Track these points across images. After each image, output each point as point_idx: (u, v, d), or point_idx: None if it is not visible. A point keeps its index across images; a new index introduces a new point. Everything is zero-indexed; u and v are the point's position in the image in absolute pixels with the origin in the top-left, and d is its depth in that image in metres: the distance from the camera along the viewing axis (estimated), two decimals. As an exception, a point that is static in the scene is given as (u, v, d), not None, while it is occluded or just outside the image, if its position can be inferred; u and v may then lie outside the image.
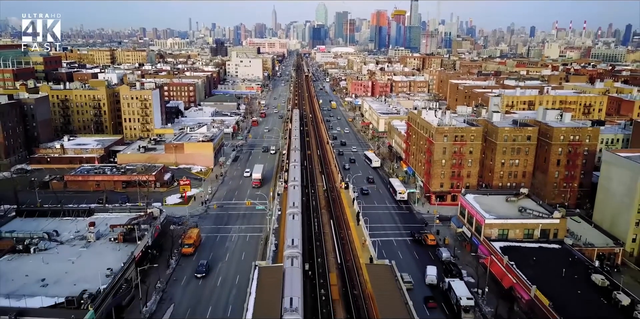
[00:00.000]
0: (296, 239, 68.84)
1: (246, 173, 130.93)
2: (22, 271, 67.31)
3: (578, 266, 69.95)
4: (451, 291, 66.68)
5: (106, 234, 79.61)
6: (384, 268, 59.02)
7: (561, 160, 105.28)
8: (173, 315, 64.80)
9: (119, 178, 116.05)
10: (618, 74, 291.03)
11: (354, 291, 59.80)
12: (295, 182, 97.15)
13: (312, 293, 60.76)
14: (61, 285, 63.18)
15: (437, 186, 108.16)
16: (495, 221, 78.63)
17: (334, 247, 74.67)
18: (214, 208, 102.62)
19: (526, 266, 68.56)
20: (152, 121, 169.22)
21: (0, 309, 56.60)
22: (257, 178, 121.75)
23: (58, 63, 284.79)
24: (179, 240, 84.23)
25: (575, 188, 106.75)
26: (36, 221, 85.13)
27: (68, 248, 74.97)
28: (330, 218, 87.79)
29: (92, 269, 66.99)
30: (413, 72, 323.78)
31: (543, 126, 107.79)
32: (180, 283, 73.23)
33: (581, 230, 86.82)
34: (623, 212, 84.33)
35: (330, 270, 66.48)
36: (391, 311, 48.06)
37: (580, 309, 58.45)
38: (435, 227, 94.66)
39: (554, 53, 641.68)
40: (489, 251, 75.21)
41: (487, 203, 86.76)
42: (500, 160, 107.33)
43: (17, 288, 61.94)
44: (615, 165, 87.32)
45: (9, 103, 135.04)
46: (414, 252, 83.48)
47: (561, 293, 61.56)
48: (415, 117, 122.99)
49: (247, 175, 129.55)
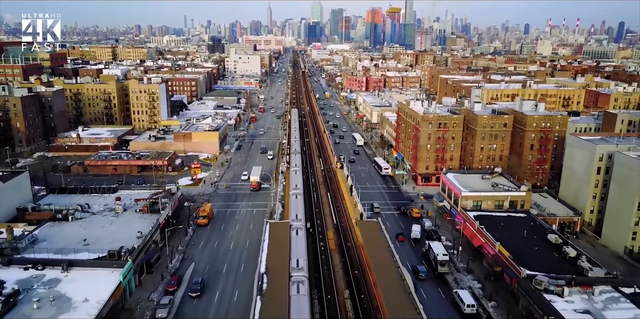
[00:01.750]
0: (299, 214, 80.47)
1: (244, 176, 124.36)
2: (65, 234, 78.79)
3: (538, 230, 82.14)
4: (430, 250, 78.63)
5: (131, 207, 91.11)
6: (372, 224, 71.10)
7: (534, 144, 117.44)
8: (194, 271, 76.46)
9: (134, 163, 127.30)
10: (601, 70, 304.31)
11: (347, 243, 71.89)
12: (296, 168, 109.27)
13: (313, 244, 72.86)
14: (100, 244, 74.55)
15: (423, 168, 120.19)
16: (470, 194, 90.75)
17: (331, 212, 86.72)
18: (223, 188, 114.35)
19: (494, 230, 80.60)
20: (159, 113, 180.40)
21: (53, 260, 68.19)
22: (256, 181, 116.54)
23: (63, 60, 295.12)
24: (194, 213, 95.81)
25: (547, 170, 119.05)
26: (68, 197, 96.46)
27: (100, 218, 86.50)
28: (327, 192, 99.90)
29: (124, 233, 78.68)
30: (406, 68, 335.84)
31: (518, 114, 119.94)
32: (198, 247, 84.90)
33: (548, 203, 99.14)
34: (583, 187, 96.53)
35: (327, 229, 78.57)
36: (378, 255, 59.92)
37: (535, 259, 70.49)
38: (420, 203, 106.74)
39: (547, 51, 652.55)
40: (464, 219, 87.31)
41: (464, 180, 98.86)
42: (480, 145, 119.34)
43: (64, 247, 73.31)
44: (576, 147, 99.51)
45: (29, 96, 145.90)
46: (400, 222, 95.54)
47: (520, 249, 73.66)
48: (404, 107, 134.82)
49: (244, 178, 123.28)
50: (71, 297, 60.48)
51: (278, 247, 62.30)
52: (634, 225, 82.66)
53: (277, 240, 64.57)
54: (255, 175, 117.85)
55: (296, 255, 61.21)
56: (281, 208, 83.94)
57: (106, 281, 63.81)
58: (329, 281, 64.19)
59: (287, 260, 59.69)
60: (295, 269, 57.79)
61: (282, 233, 65.76)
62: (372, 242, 63.92)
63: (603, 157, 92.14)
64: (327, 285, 62.95)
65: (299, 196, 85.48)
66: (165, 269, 75.90)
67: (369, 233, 66.85)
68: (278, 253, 61.19)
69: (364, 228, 69.04)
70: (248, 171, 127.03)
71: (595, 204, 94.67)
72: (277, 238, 64.99)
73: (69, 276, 65.53)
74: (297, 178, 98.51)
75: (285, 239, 63.93)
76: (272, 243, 63.30)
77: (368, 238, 65.31)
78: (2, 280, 62.42)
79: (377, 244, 63.29)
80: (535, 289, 62.32)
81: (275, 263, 58.79)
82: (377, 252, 61.07)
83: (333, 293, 60.89)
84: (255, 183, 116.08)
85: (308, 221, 79.27)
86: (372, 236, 66.11)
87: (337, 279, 64.73)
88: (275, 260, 59.59)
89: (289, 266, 58.38)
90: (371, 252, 60.86)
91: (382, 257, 60.38)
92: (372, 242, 63.92)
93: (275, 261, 59.32)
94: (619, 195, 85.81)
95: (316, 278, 65.05)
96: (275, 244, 63.03)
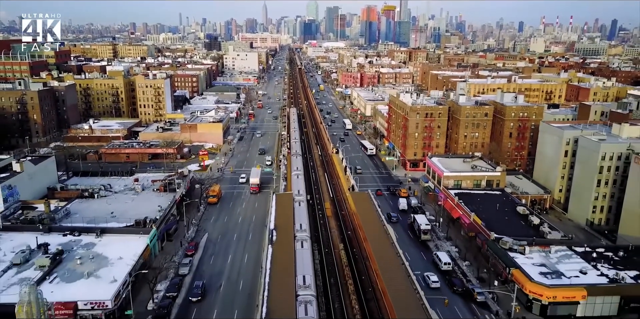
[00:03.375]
0: (301, 190, 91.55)
1: (242, 179, 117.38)
2: (93, 209, 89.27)
3: (510, 204, 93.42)
4: (415, 221, 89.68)
5: (149, 187, 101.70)
6: (363, 194, 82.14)
7: (512, 132, 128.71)
8: (208, 239, 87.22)
9: (145, 151, 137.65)
10: (587, 66, 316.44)
11: (341, 212, 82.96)
12: (297, 153, 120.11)
13: (313, 212, 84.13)
14: (126, 216, 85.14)
15: (411, 155, 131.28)
16: (452, 174, 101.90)
17: (327, 188, 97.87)
18: (230, 171, 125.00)
19: (471, 203, 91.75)
20: (164, 107, 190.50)
21: (88, 228, 78.90)
22: (255, 183, 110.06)
23: (67, 57, 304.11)
24: (205, 193, 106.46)
25: (524, 156, 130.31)
26: (90, 179, 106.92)
27: (122, 196, 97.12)
28: (324, 172, 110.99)
29: (145, 207, 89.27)
30: (399, 65, 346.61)
31: (498, 105, 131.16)
32: (210, 221, 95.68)
33: (522, 184, 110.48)
34: (553, 169, 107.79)
35: (325, 201, 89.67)
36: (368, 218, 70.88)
37: (504, 226, 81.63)
38: (408, 185, 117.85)
39: (540, 48, 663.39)
40: (445, 196, 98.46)
41: (447, 163, 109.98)
42: (463, 133, 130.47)
43: (94, 218, 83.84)
44: (548, 133, 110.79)
45: (44, 90, 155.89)
46: (389, 201, 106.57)
47: (492, 218, 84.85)
48: (395, 99, 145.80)
49: (242, 181, 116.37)
50: (107, 256, 71.24)
51: (284, 213, 73.31)
52: (594, 200, 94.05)
53: (283, 207, 75.60)
54: (255, 177, 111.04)
55: (299, 220, 72.15)
56: (284, 184, 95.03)
57: (135, 244, 74.52)
58: (327, 238, 75.55)
59: (292, 224, 70.56)
60: (299, 231, 68.76)
61: (286, 203, 76.83)
62: (363, 208, 74.92)
63: (570, 141, 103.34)
64: (325, 242, 74.41)
65: (300, 176, 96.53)
66: (183, 238, 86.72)
67: (361, 202, 77.87)
68: (284, 217, 72.23)
69: (357, 197, 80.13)
70: (247, 173, 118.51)
71: (563, 184, 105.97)
72: (283, 206, 76.04)
73: (102, 241, 76.30)
74: (298, 162, 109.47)
75: (289, 207, 74.94)
76: (279, 210, 74.28)
77: (360, 205, 76.33)
78: (46, 243, 73.19)
79: (367, 209, 74.32)
80: (501, 248, 73.48)
81: (282, 224, 69.73)
82: (367, 216, 72.09)
83: (330, 247, 72.19)
84: (255, 186, 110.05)
85: (308, 194, 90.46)
86: (363, 203, 77.13)
87: (333, 237, 76.20)
88: (282, 221, 70.53)
89: (294, 228, 69.27)
90: (362, 216, 71.80)
91: (371, 219, 71.40)
92: (363, 208, 74.92)
93: (282, 222, 70.27)
94: (582, 174, 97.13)
95: (316, 236, 76.44)
96: (281, 210, 74.02)
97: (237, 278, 72.77)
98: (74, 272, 66.45)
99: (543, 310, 63.53)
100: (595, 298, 63.35)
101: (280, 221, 70.91)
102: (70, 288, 62.22)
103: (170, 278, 72.13)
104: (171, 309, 64.69)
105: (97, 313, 59.66)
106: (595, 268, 68.53)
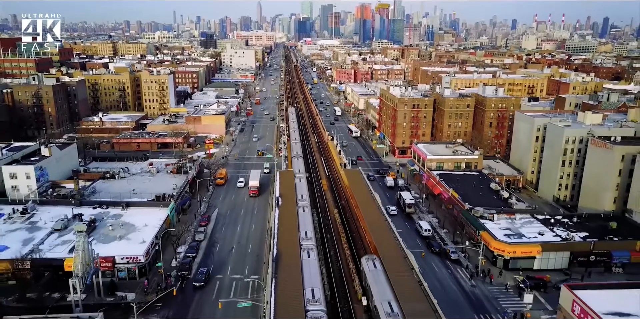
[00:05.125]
0: (301, 169, 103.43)
1: (240, 183, 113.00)
2: (115, 187, 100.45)
3: (485, 182, 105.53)
4: (401, 197, 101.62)
5: (163, 170, 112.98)
6: (355, 171, 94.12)
7: (492, 122, 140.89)
8: (218, 214, 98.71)
9: (155, 140, 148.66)
10: (571, 62, 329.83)
11: (336, 186, 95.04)
12: (296, 140, 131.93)
13: (310, 186, 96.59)
14: (146, 193, 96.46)
15: (400, 142, 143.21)
16: (434, 157, 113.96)
17: (324, 168, 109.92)
18: (234, 157, 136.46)
19: (450, 182, 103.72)
20: (168, 101, 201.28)
21: (114, 202, 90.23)
22: (255, 186, 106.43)
23: (70, 54, 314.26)
24: (213, 176, 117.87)
25: (503, 143, 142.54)
26: (108, 164, 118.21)
27: (140, 177, 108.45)
28: (320, 156, 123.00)
29: (162, 186, 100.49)
30: (392, 62, 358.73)
31: (479, 97, 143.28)
32: (219, 199, 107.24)
33: (499, 167, 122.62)
34: (526, 153, 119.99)
35: (321, 178, 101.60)
36: (359, 189, 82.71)
37: (477, 199, 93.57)
38: (396, 169, 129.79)
39: (531, 45, 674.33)
40: (428, 176, 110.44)
41: (431, 148, 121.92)
42: (447, 123, 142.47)
43: (118, 195, 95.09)
44: (522, 121, 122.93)
45: (58, 84, 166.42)
46: (379, 181, 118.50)
47: (468, 193, 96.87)
48: (385, 92, 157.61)
49: (240, 185, 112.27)
50: (134, 224, 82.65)
51: (287, 186, 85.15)
52: (559, 179, 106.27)
53: (286, 182, 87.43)
54: (254, 180, 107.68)
55: (300, 192, 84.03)
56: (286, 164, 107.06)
57: (157, 215, 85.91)
58: (324, 206, 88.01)
59: (294, 195, 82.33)
60: (300, 200, 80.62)
61: (289, 179, 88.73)
62: (354, 181, 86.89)
63: (540, 128, 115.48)
64: (322, 208, 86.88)
65: (300, 159, 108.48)
66: (196, 212, 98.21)
67: (353, 177, 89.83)
68: (287, 189, 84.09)
69: (349, 173, 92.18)
70: (245, 176, 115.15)
71: (535, 166, 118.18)
72: (286, 181, 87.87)
73: (128, 212, 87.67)
74: (297, 147, 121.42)
75: (291, 182, 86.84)
76: (282, 184, 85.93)
77: (351, 179, 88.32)
78: (80, 213, 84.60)
79: (358, 182, 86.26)
80: (473, 216, 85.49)
81: (286, 193, 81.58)
82: (358, 187, 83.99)
83: (326, 212, 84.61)
84: (254, 189, 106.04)
85: (307, 173, 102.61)
86: (355, 178, 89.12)
87: (329, 205, 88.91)
88: (285, 192, 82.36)
89: (296, 199, 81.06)
90: (353, 187, 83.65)
91: (361, 190, 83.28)
92: (354, 181, 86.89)
93: (285, 193, 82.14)
94: (549, 156, 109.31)
95: (314, 205, 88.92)
96: (284, 184, 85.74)
97: (246, 243, 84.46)
98: (108, 236, 77.84)
99: (505, 264, 75.61)
100: (549, 253, 75.49)
101: (284, 192, 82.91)
102: (107, 248, 73.41)
103: (188, 243, 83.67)
104: (192, 265, 76.26)
105: (132, 266, 71.19)
106: (552, 231, 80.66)
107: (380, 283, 54.49)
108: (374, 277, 56.08)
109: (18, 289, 65.79)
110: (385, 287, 53.83)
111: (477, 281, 72.54)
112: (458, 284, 72.18)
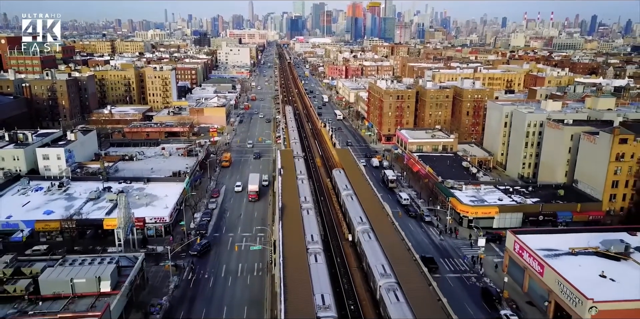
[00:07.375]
0: (299, 151, 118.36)
1: (237, 187, 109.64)
2: (135, 167, 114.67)
3: (458, 161, 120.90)
4: (385, 175, 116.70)
5: (174, 152, 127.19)
6: (344, 150, 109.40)
7: (469, 111, 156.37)
8: (226, 189, 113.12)
9: (163, 129, 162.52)
10: (551, 59, 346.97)
11: (328, 163, 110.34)
12: (293, 128, 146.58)
13: (307, 163, 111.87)
14: (163, 171, 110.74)
15: (386, 130, 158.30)
16: (415, 140, 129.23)
17: (318, 150, 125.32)
18: (237, 143, 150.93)
19: (428, 161, 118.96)
20: (170, 95, 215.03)
21: (136, 178, 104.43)
22: (254, 190, 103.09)
23: (72, 52, 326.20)
24: (218, 159, 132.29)
25: (479, 130, 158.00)
26: (125, 149, 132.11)
27: (155, 159, 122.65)
28: (315, 141, 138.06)
29: (176, 166, 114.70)
30: (381, 59, 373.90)
31: (457, 89, 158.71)
32: (225, 177, 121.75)
33: (473, 150, 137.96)
34: (496, 137, 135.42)
35: (315, 157, 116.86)
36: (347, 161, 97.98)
37: (450, 174, 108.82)
38: (382, 153, 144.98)
39: (520, 43, 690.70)
40: (408, 157, 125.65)
41: (413, 133, 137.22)
42: (428, 112, 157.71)
43: (138, 172, 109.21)
44: (493, 109, 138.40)
45: (71, 79, 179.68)
46: (366, 164, 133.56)
47: (442, 170, 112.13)
48: (373, 85, 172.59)
49: (238, 189, 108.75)
50: (156, 194, 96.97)
51: (287, 161, 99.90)
52: (523, 158, 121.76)
53: (286, 158, 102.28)
54: (254, 184, 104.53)
55: (299, 168, 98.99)
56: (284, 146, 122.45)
57: (175, 188, 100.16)
58: (318, 177, 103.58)
59: (294, 171, 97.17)
60: (299, 174, 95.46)
61: (288, 156, 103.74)
62: (343, 157, 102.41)
63: (508, 115, 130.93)
64: (317, 179, 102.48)
65: (297, 143, 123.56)
66: (207, 187, 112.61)
67: (342, 154, 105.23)
68: (287, 164, 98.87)
69: (340, 151, 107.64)
70: (243, 181, 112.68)
71: (504, 148, 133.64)
72: (286, 158, 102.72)
73: (149, 186, 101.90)
74: (294, 134, 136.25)
75: (291, 161, 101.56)
76: (283, 159, 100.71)
77: (341, 156, 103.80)
78: (109, 186, 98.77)
79: (347, 158, 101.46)
80: (445, 187, 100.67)
81: (286, 167, 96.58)
82: (347, 162, 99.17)
83: (320, 182, 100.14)
84: (253, 193, 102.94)
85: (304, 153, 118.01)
86: (344, 155, 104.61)
87: (322, 176, 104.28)
88: (286, 166, 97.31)
89: (295, 174, 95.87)
90: (343, 162, 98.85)
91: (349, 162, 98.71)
92: (343, 157, 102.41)
93: (286, 166, 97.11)
94: (515, 139, 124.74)
95: (311, 177, 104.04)
96: (285, 160, 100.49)
97: (252, 211, 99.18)
98: (135, 203, 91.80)
99: (469, 223, 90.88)
100: (505, 214, 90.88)
101: (285, 166, 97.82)
102: (137, 212, 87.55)
103: (202, 210, 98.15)
104: (207, 227, 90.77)
105: (159, 225, 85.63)
106: (510, 197, 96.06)
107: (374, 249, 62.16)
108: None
109: (66, 244, 79.92)
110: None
111: (445, 237, 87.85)
112: (430, 239, 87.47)
